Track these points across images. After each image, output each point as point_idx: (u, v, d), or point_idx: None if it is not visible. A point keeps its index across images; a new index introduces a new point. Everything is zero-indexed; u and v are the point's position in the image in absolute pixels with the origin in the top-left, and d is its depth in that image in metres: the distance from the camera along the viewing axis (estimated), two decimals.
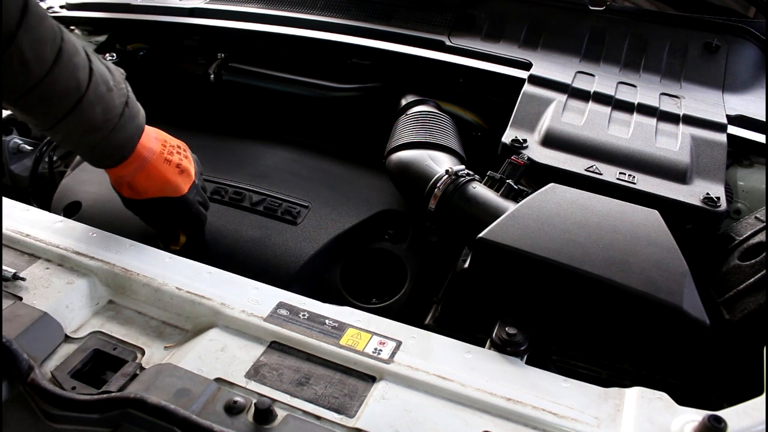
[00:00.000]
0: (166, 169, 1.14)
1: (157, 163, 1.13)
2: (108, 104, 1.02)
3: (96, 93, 1.00)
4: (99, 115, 1.01)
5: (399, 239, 1.36)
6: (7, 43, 0.89)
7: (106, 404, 0.75)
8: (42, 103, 0.97)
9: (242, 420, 0.75)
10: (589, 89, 1.51)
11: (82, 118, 1.00)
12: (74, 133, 1.03)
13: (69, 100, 0.98)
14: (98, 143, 1.05)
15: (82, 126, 1.01)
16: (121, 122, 1.05)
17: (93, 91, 0.99)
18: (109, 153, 1.08)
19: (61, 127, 1.00)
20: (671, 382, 1.00)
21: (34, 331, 0.86)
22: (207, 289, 0.95)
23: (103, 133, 1.04)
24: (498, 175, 1.23)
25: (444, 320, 1.11)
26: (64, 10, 1.98)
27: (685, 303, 0.90)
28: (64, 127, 1.00)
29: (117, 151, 1.08)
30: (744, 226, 1.19)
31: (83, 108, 0.99)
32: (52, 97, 0.96)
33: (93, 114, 1.01)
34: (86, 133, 1.03)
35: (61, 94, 0.97)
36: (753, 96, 1.62)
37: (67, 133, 1.03)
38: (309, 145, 1.61)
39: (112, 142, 1.06)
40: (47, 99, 0.96)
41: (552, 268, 0.94)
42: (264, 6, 1.88)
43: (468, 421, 0.78)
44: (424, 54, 1.63)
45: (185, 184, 1.18)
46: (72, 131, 1.02)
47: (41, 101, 0.96)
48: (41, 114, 1.00)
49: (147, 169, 1.12)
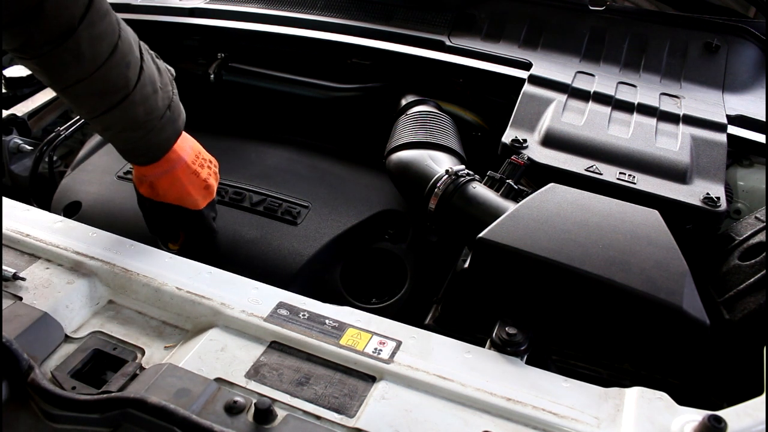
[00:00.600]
0: (191, 181, 1.14)
1: (184, 172, 1.13)
2: (151, 106, 1.03)
3: (142, 93, 1.00)
4: (141, 115, 1.02)
5: (399, 239, 1.36)
6: (66, 35, 0.89)
7: (106, 404, 0.75)
8: (88, 96, 0.98)
9: (242, 420, 0.75)
10: (589, 89, 1.51)
11: (124, 116, 1.01)
12: (113, 127, 1.03)
13: (115, 96, 0.98)
14: (134, 141, 1.05)
15: (122, 122, 1.02)
16: (160, 124, 1.05)
17: (139, 91, 1.00)
18: (142, 152, 1.09)
19: (102, 120, 1.01)
20: (671, 382, 1.00)
21: (34, 331, 0.86)
22: (207, 289, 0.95)
23: (141, 132, 1.04)
24: (498, 175, 1.23)
25: (444, 320, 1.11)
26: None
27: (685, 303, 0.90)
28: (104, 120, 1.01)
29: (150, 152, 1.09)
30: (744, 226, 1.19)
31: (126, 106, 0.99)
32: (98, 92, 0.97)
33: (135, 113, 1.01)
34: (125, 130, 1.03)
35: (109, 90, 0.97)
36: (753, 96, 1.62)
37: (106, 126, 1.04)
38: (309, 145, 1.61)
39: (147, 142, 1.06)
40: (94, 93, 0.97)
41: (552, 267, 0.94)
42: (264, 6, 1.88)
43: (468, 421, 0.78)
44: (424, 54, 1.63)
45: (204, 200, 1.18)
46: (111, 125, 1.03)
47: (88, 94, 0.97)
48: (85, 105, 1.00)
49: (173, 175, 1.12)
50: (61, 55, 0.91)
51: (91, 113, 1.01)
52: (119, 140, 1.07)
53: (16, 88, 1.78)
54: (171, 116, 1.07)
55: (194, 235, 1.24)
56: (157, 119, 1.04)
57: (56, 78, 0.95)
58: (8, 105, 1.72)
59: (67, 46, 0.90)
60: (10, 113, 1.66)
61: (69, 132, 1.61)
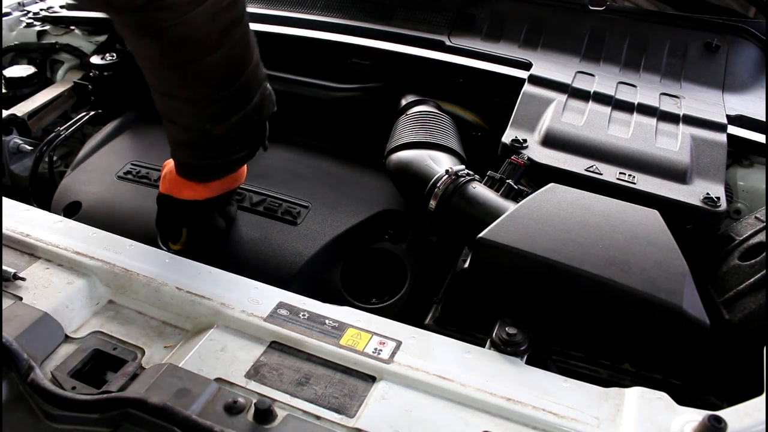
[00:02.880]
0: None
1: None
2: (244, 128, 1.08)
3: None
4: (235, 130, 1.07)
5: (399, 239, 1.36)
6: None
7: (106, 404, 0.75)
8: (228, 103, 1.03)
9: (242, 420, 0.75)
10: (589, 89, 1.51)
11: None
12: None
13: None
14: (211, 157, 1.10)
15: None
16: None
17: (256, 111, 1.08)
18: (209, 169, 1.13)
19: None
20: (671, 382, 1.00)
21: (34, 331, 0.86)
22: (207, 289, 0.95)
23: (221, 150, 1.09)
24: (498, 175, 1.23)
25: (444, 320, 1.11)
26: (64, 10, 1.98)
27: (685, 303, 0.90)
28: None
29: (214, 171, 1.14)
30: (744, 226, 1.19)
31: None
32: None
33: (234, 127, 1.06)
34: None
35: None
36: (753, 96, 1.62)
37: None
38: (309, 145, 1.61)
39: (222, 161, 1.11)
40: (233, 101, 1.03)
41: (552, 268, 0.94)
42: (264, 6, 1.88)
43: (468, 421, 0.78)
44: (424, 54, 1.63)
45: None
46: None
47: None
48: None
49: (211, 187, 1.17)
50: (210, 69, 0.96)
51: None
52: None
53: (16, 88, 1.78)
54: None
55: (205, 231, 1.25)
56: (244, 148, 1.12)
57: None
58: (8, 105, 1.72)
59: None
60: (10, 113, 1.66)
61: (69, 132, 1.61)
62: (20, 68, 1.84)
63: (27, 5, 2.07)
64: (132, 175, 1.44)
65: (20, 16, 2.01)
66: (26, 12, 2.03)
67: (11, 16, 2.00)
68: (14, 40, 1.95)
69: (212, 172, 1.14)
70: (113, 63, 1.75)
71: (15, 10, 2.04)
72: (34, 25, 1.97)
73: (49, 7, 2.03)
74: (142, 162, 1.48)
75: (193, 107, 1.01)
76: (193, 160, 1.11)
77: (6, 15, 1.99)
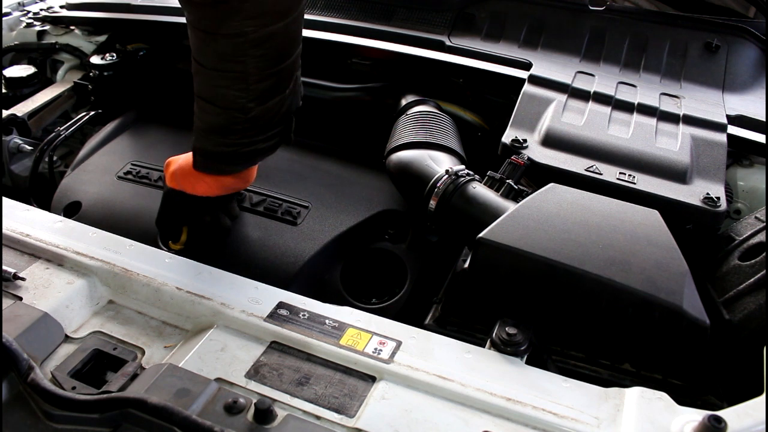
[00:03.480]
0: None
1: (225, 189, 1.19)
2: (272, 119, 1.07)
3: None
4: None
5: (399, 239, 1.36)
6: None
7: (106, 404, 0.75)
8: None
9: (242, 420, 0.75)
10: (589, 89, 1.51)
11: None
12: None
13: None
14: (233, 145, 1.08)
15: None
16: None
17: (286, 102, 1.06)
18: (229, 160, 1.12)
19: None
20: (671, 382, 1.00)
21: (34, 331, 0.86)
22: (207, 289, 0.95)
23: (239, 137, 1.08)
24: (498, 175, 1.23)
25: (444, 320, 1.11)
26: (64, 10, 1.98)
27: (685, 303, 0.90)
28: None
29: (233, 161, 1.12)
30: (744, 226, 1.19)
31: None
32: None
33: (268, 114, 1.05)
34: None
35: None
36: (753, 96, 1.62)
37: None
38: (309, 145, 1.61)
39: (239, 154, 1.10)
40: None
41: (552, 268, 0.94)
42: None
43: (468, 421, 0.78)
44: (424, 54, 1.63)
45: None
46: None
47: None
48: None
49: (221, 182, 1.16)
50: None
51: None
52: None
53: (16, 88, 1.79)
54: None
55: (211, 230, 1.24)
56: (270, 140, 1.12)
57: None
58: (8, 105, 1.72)
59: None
60: (10, 113, 1.66)
61: (69, 132, 1.61)
62: (20, 68, 1.84)
63: (27, 5, 2.07)
64: (132, 175, 1.44)
65: (20, 16, 2.01)
66: (26, 12, 2.03)
67: (11, 16, 2.00)
68: (14, 40, 1.95)
69: (237, 160, 1.13)
70: (113, 63, 1.75)
71: (15, 10, 2.04)
72: (34, 25, 1.97)
73: (49, 7, 2.03)
74: (142, 162, 1.48)
75: (242, 83, 1.00)
76: (221, 147, 1.09)
77: (6, 15, 1.99)
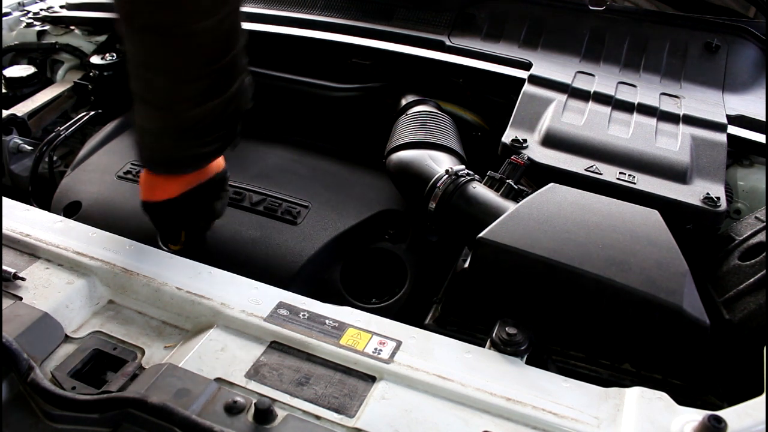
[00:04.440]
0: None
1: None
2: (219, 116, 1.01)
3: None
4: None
5: (399, 239, 1.36)
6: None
7: (106, 404, 0.75)
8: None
9: (242, 420, 0.75)
10: (589, 89, 1.51)
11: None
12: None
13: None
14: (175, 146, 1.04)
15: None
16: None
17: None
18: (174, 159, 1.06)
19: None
20: (671, 382, 1.00)
21: (34, 331, 0.86)
22: (207, 289, 0.95)
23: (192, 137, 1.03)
24: (498, 175, 1.23)
25: (444, 320, 1.11)
26: (64, 10, 1.98)
27: (685, 303, 0.90)
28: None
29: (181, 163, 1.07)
30: (744, 226, 1.19)
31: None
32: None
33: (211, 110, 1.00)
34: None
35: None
36: (753, 96, 1.62)
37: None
38: (309, 145, 1.61)
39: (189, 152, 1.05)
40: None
41: (552, 267, 0.94)
42: (264, 6, 1.87)
43: (468, 421, 0.78)
44: (424, 54, 1.63)
45: None
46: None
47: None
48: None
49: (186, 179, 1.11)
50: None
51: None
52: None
53: (16, 88, 1.79)
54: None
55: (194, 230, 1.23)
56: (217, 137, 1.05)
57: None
58: (8, 105, 1.72)
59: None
60: (10, 113, 1.66)
61: (69, 132, 1.61)
62: (20, 68, 1.84)
63: (27, 5, 2.07)
64: (132, 175, 1.44)
65: (20, 16, 2.01)
66: (26, 12, 2.03)
67: (11, 16, 2.00)
68: (14, 40, 1.95)
69: (172, 165, 1.07)
70: (113, 63, 1.75)
71: (15, 10, 2.04)
72: (34, 25, 1.97)
73: (49, 7, 2.03)
74: None
75: (173, 84, 0.96)
76: (156, 152, 1.05)
77: (6, 15, 1.99)
